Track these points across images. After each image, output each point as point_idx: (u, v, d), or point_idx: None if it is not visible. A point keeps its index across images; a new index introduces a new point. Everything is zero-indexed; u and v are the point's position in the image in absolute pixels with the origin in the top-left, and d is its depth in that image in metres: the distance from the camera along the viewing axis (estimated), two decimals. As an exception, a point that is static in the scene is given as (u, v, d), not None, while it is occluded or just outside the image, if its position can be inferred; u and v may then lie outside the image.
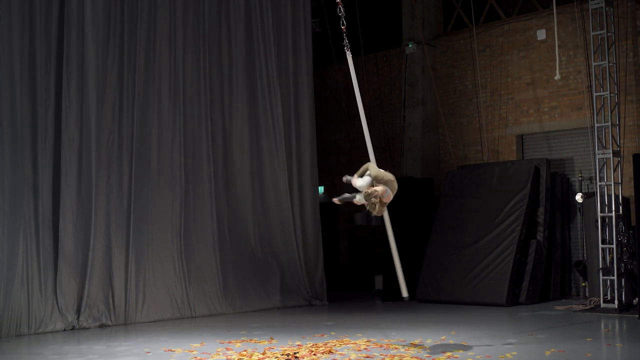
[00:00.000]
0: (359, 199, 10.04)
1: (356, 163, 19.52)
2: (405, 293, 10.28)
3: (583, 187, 15.45)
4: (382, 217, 10.52)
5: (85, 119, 13.19)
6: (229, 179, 15.28)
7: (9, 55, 12.40)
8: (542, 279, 15.22)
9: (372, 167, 10.16)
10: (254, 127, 15.68)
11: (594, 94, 14.40)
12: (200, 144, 14.79)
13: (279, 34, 16.22)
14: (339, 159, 20.28)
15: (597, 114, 14.34)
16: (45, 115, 12.80)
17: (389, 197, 9.96)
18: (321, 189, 20.19)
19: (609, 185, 13.96)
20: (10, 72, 12.40)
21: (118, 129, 13.62)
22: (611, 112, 14.18)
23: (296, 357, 9.33)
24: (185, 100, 14.63)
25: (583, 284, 15.22)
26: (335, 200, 10.52)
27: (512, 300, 14.74)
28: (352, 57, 19.60)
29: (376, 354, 9.55)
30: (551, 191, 15.62)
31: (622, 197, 13.99)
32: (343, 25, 10.82)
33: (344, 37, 10.86)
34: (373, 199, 9.81)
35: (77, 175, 13.07)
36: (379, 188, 9.84)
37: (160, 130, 14.21)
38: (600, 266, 13.79)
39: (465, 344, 10.23)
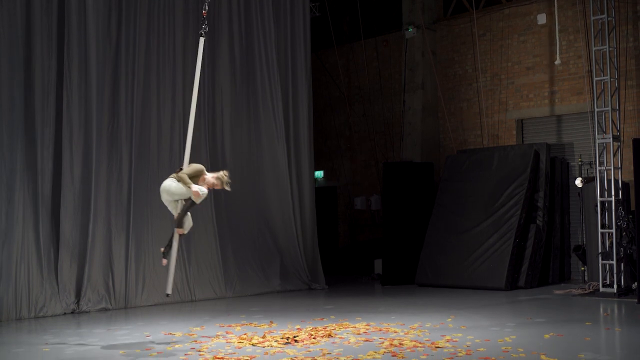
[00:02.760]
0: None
1: (356, 146, 19.73)
2: (169, 290, 10.01)
3: (583, 172, 15.45)
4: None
5: (87, 104, 13.18)
6: (227, 162, 15.27)
7: (9, 40, 12.36)
8: (542, 263, 15.26)
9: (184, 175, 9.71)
10: (252, 111, 15.68)
11: (594, 79, 14.38)
12: (199, 129, 14.76)
13: (278, 18, 16.19)
14: (338, 143, 20.27)
15: (597, 98, 14.33)
16: (45, 99, 12.77)
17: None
18: (321, 174, 20.23)
19: (608, 170, 13.96)
20: (10, 57, 12.37)
21: (118, 114, 13.61)
22: (611, 97, 14.17)
23: (296, 340, 9.36)
24: (185, 85, 14.61)
25: (582, 269, 15.25)
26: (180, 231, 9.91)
27: (511, 285, 14.77)
28: (352, 41, 19.64)
29: (376, 337, 9.58)
30: (551, 176, 15.63)
31: (622, 181, 13.99)
32: (205, 10, 10.56)
33: (204, 20, 10.59)
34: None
35: (78, 160, 13.06)
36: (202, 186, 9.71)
37: (160, 116, 14.20)
38: (600, 250, 13.81)
39: (465, 327, 10.26)
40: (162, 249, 9.93)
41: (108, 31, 13.55)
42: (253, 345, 9.19)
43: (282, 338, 9.49)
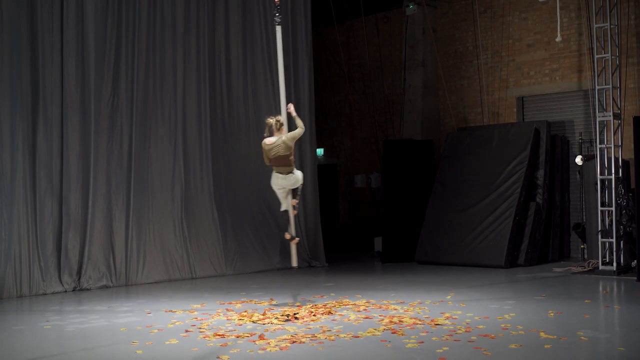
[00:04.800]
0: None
1: (356, 124, 19.68)
2: (295, 263, 11.10)
3: (583, 150, 15.44)
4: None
5: (86, 80, 13.15)
6: (228, 141, 15.27)
7: (9, 18, 12.29)
8: (541, 241, 15.28)
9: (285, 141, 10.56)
10: (253, 88, 15.64)
11: (595, 56, 14.34)
12: (200, 106, 14.76)
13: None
14: (338, 120, 20.23)
15: (597, 76, 14.29)
16: (44, 77, 12.72)
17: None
18: (321, 151, 20.20)
19: (609, 148, 13.95)
20: (10, 35, 12.30)
21: (118, 91, 13.58)
22: (612, 75, 14.13)
23: (296, 317, 9.39)
24: (186, 61, 14.57)
25: (582, 246, 15.26)
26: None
27: (511, 262, 14.80)
28: (352, 18, 19.51)
29: (375, 314, 9.61)
30: (551, 153, 15.62)
31: (622, 159, 13.99)
32: None
33: (277, 8, 10.78)
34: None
35: (78, 138, 13.06)
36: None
37: (160, 94, 14.17)
38: (599, 228, 13.83)
39: (464, 305, 10.29)
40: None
41: (107, 5, 13.45)
42: (253, 322, 9.24)
43: (283, 315, 9.53)
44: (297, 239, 10.88)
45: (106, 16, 13.45)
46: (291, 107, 10.78)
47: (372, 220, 18.83)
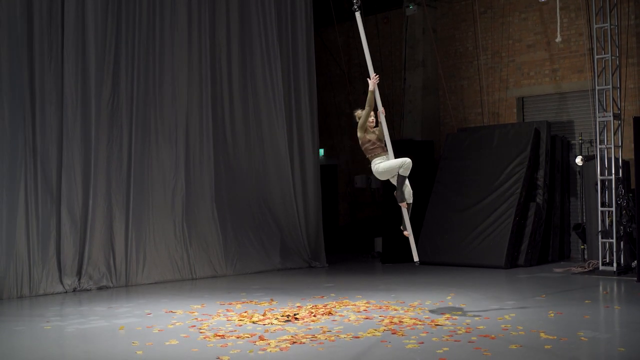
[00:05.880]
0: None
1: (355, 125, 19.60)
2: (416, 258, 10.63)
3: (583, 150, 15.45)
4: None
5: (86, 80, 13.14)
6: (228, 141, 15.27)
7: (8, 17, 12.29)
8: (541, 241, 15.28)
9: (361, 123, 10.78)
10: (253, 89, 15.65)
11: (595, 57, 14.34)
12: (200, 106, 14.76)
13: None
14: (339, 121, 20.23)
15: (598, 76, 14.29)
16: (44, 77, 12.72)
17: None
18: (321, 152, 20.18)
19: (609, 148, 13.95)
20: (9, 35, 12.30)
21: (118, 91, 13.57)
22: (612, 75, 14.13)
23: (296, 318, 9.39)
24: (186, 60, 14.56)
25: (582, 247, 15.27)
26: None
27: (511, 263, 14.81)
28: (352, 18, 19.37)
29: (375, 315, 9.62)
30: (551, 154, 15.62)
31: (622, 160, 13.99)
32: None
33: None
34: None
35: (78, 138, 13.05)
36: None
37: (160, 93, 14.16)
38: (600, 229, 13.83)
39: (464, 305, 10.29)
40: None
41: (107, 4, 13.45)
42: (253, 322, 9.23)
43: (283, 316, 9.53)
44: (405, 232, 10.47)
45: (106, 16, 13.44)
46: (374, 81, 10.99)
47: (372, 220, 18.83)
